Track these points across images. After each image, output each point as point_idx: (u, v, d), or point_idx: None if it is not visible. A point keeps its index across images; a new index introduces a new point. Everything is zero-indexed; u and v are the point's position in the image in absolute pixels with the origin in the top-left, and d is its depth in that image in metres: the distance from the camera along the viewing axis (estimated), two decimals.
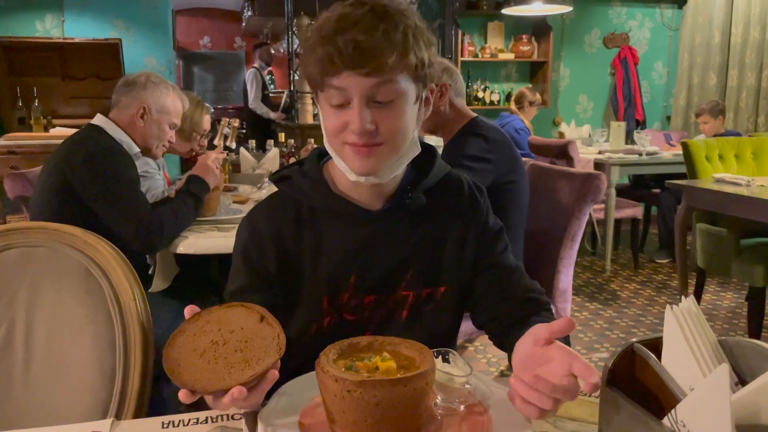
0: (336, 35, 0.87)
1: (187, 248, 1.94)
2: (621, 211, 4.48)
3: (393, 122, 0.92)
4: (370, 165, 0.94)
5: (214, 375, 0.71)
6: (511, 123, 4.60)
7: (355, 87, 0.89)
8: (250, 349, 0.74)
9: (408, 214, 1.03)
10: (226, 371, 0.72)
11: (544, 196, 2.33)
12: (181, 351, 0.74)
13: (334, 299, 1.00)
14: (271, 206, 1.05)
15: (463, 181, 1.11)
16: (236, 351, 0.74)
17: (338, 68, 0.88)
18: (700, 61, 5.87)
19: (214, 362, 0.73)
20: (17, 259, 1.13)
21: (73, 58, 5.16)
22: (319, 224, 1.02)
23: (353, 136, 0.91)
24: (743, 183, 2.89)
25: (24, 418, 1.08)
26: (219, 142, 3.52)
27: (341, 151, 0.95)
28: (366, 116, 0.90)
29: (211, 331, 0.76)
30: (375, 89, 0.89)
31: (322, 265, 1.00)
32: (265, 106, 6.61)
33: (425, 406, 0.76)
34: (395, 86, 0.90)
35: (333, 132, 0.94)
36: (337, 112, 0.92)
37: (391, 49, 0.88)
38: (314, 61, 0.90)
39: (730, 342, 0.71)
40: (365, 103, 0.90)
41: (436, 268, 1.04)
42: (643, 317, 3.64)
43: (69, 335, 1.11)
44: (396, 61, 0.88)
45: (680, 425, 0.64)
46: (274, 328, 0.77)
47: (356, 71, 0.87)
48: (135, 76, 2.08)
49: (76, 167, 1.83)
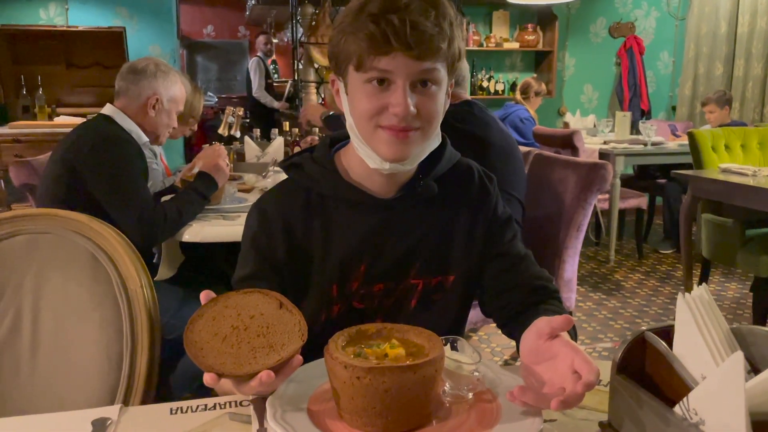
0: (389, 13, 0.85)
1: (192, 236, 1.94)
2: (625, 202, 4.46)
3: (432, 107, 0.92)
4: (402, 150, 0.93)
5: (239, 359, 0.71)
6: (516, 112, 4.58)
7: (403, 69, 0.88)
8: (273, 334, 0.74)
9: (419, 203, 1.02)
10: (251, 356, 0.72)
11: (549, 186, 2.32)
12: (201, 335, 0.74)
13: (343, 287, 1.00)
14: (281, 193, 1.04)
15: (473, 169, 1.10)
16: (258, 336, 0.74)
17: (391, 47, 0.86)
18: (706, 51, 5.83)
19: (237, 347, 0.73)
20: (24, 246, 1.13)
21: (76, 46, 5.15)
22: (329, 212, 1.01)
23: (393, 118, 0.90)
24: (749, 173, 2.88)
25: (31, 404, 1.08)
26: (223, 130, 3.52)
27: (373, 136, 0.93)
28: (411, 100, 0.89)
29: (230, 316, 0.76)
30: (422, 74, 0.89)
31: (332, 253, 1.00)
32: (268, 95, 6.58)
33: (434, 393, 0.76)
34: (438, 74, 0.91)
35: (368, 115, 0.92)
36: (376, 94, 0.90)
37: (443, 35, 0.88)
38: (362, 38, 0.87)
39: (743, 330, 0.71)
40: (410, 86, 0.89)
41: (446, 257, 1.04)
42: (647, 307, 3.64)
43: (76, 322, 1.11)
44: (445, 48, 0.89)
45: (692, 413, 0.64)
46: (294, 315, 0.77)
47: (409, 53, 0.86)
48: (141, 63, 2.07)
49: (83, 156, 1.83)
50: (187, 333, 0.74)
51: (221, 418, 0.82)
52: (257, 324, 0.75)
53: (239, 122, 3.58)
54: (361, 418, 0.73)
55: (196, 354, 0.72)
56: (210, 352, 0.72)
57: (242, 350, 0.72)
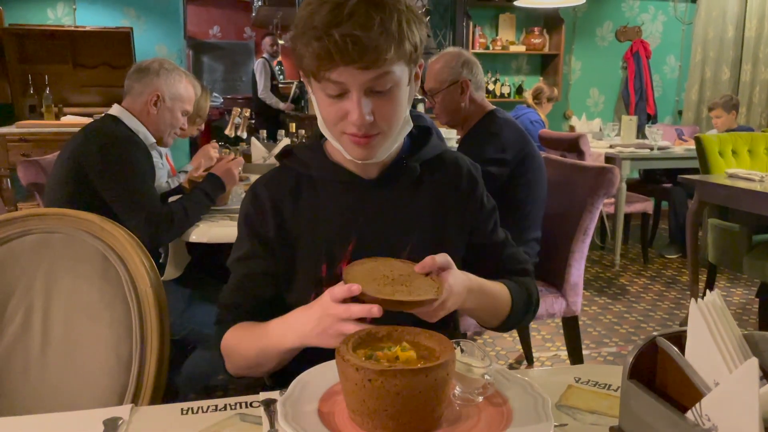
0: (331, 28, 0.85)
1: (199, 237, 1.95)
2: (631, 206, 4.45)
3: (390, 111, 0.94)
4: (367, 152, 0.97)
5: (380, 291, 0.83)
6: (527, 115, 4.58)
7: (353, 80, 0.89)
8: (414, 286, 0.85)
9: (406, 184, 1.06)
10: (391, 291, 0.83)
11: (556, 190, 2.32)
12: (357, 272, 0.87)
13: (332, 267, 1.02)
14: (273, 178, 1.08)
15: (459, 159, 1.14)
16: (402, 285, 0.85)
17: (336, 63, 0.87)
18: (713, 56, 5.82)
19: (383, 285, 0.84)
20: (35, 245, 1.13)
21: (84, 46, 5.17)
22: (317, 192, 1.05)
23: (352, 127, 0.93)
24: (756, 178, 2.87)
25: (41, 403, 1.09)
26: (230, 131, 3.53)
27: (339, 138, 0.97)
28: (365, 107, 0.91)
29: (385, 268, 0.89)
30: (373, 81, 0.90)
31: (320, 232, 1.03)
32: (274, 96, 6.60)
33: (445, 396, 0.76)
34: (392, 76, 0.91)
35: (330, 122, 0.96)
36: (335, 102, 0.93)
37: (389, 42, 0.87)
38: (310, 54, 0.88)
39: (756, 336, 0.71)
40: (364, 94, 0.91)
41: (437, 241, 1.06)
42: (653, 312, 3.63)
43: (86, 321, 1.11)
44: (393, 53, 0.88)
45: (705, 419, 0.63)
46: (435, 281, 0.87)
47: (356, 65, 0.87)
48: (147, 62, 2.08)
49: (90, 156, 1.83)
50: (348, 268, 0.88)
51: (232, 419, 0.82)
52: (403, 278, 0.87)
53: (246, 123, 3.59)
54: (372, 420, 0.73)
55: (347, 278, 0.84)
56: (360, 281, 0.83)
57: (386, 288, 0.84)
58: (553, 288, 2.25)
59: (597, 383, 0.91)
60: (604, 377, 0.93)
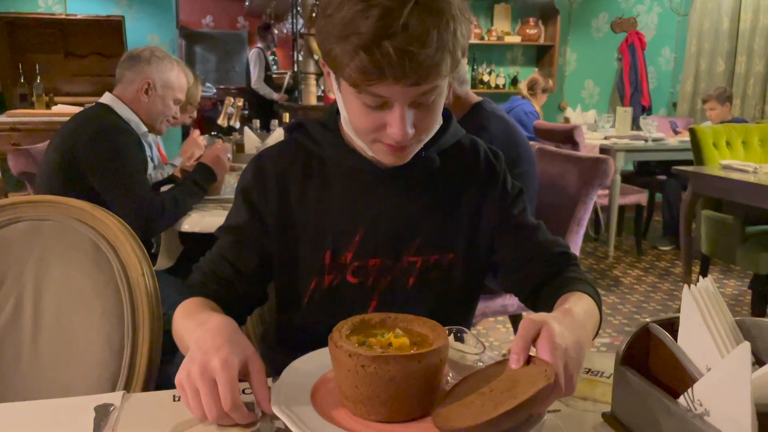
0: (382, 39, 0.76)
1: (192, 226, 1.94)
2: (625, 198, 4.47)
3: (431, 122, 0.90)
4: (401, 159, 0.93)
5: (480, 413, 0.67)
6: (521, 106, 4.59)
7: (400, 95, 0.82)
8: (518, 386, 0.68)
9: (421, 176, 1.01)
10: (492, 407, 0.66)
11: (550, 181, 2.32)
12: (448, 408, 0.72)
13: (336, 257, 0.98)
14: (281, 150, 1.03)
15: (479, 146, 1.08)
16: (503, 392, 0.68)
17: (384, 78, 0.79)
18: (708, 47, 5.82)
19: (481, 405, 0.68)
20: (25, 233, 1.12)
21: (75, 35, 5.12)
22: (328, 175, 1.00)
23: (390, 139, 0.87)
24: (750, 170, 2.88)
25: (32, 392, 1.08)
26: (223, 121, 3.51)
27: (371, 146, 0.92)
28: (409, 121, 0.85)
29: (477, 383, 0.73)
30: (420, 96, 0.84)
31: (327, 217, 0.99)
32: (268, 87, 6.57)
33: (438, 383, 0.76)
34: (439, 88, 0.86)
35: (364, 130, 0.89)
36: (372, 112, 0.85)
37: (445, 56, 0.80)
38: (354, 65, 0.78)
39: (748, 322, 0.71)
40: (408, 107, 0.84)
41: (446, 234, 1.02)
42: (646, 303, 3.65)
43: (77, 309, 1.10)
44: (448, 67, 0.82)
45: (697, 404, 0.64)
46: (541, 364, 0.69)
47: (406, 81, 0.79)
48: (139, 50, 2.07)
49: (82, 144, 1.82)
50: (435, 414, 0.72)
51: None
52: (504, 382, 0.70)
53: (239, 113, 3.57)
54: (365, 406, 0.73)
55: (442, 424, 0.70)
56: (453, 417, 0.69)
57: (486, 406, 0.67)
58: None
59: (590, 370, 0.91)
60: (596, 364, 0.93)
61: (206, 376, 0.71)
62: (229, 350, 0.73)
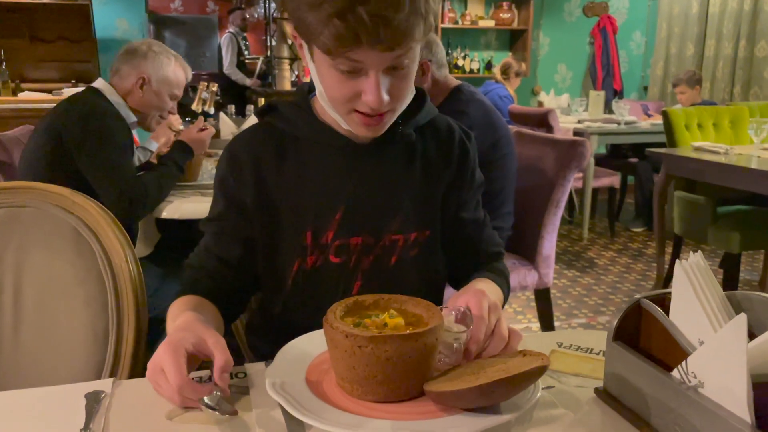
0: (356, 5, 0.76)
1: (171, 213, 1.92)
2: (598, 180, 4.53)
3: (405, 88, 0.90)
4: (376, 131, 0.93)
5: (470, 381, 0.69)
6: (496, 90, 4.59)
7: (375, 60, 0.83)
8: (511, 367, 0.70)
9: (398, 151, 1.02)
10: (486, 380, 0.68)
11: (528, 164, 2.33)
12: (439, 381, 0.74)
13: (318, 235, 0.98)
14: (253, 135, 1.03)
15: (453, 126, 1.10)
16: (497, 372, 0.70)
17: (359, 44, 0.79)
18: (677, 31, 5.90)
19: (475, 379, 0.70)
20: (3, 220, 1.09)
21: (41, 19, 4.99)
22: (304, 154, 1.00)
23: (365, 107, 0.87)
24: (721, 151, 2.94)
25: (14, 382, 1.05)
26: (197, 106, 3.45)
27: (346, 117, 0.92)
28: (384, 87, 0.85)
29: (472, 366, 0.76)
30: (394, 60, 0.84)
31: (306, 196, 0.99)
32: (240, 72, 6.48)
33: (433, 362, 0.76)
34: (412, 53, 0.86)
35: (340, 99, 0.89)
36: (347, 80, 0.85)
37: (418, 21, 0.81)
38: (329, 32, 0.79)
39: (738, 296, 0.72)
40: (382, 72, 0.85)
41: (424, 211, 1.03)
42: (620, 284, 3.71)
43: (59, 297, 1.08)
44: (422, 32, 0.83)
45: (691, 376, 0.65)
46: (536, 356, 0.72)
47: (381, 46, 0.80)
48: (137, 44, 2.05)
49: (70, 126, 1.82)
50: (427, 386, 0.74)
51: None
52: (498, 364, 0.73)
53: (213, 98, 3.51)
54: (362, 386, 0.73)
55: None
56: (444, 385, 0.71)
57: (479, 379, 0.69)
58: (525, 261, 2.27)
59: (579, 347, 0.92)
60: (585, 342, 0.94)
61: (158, 368, 0.74)
62: (178, 337, 0.76)
